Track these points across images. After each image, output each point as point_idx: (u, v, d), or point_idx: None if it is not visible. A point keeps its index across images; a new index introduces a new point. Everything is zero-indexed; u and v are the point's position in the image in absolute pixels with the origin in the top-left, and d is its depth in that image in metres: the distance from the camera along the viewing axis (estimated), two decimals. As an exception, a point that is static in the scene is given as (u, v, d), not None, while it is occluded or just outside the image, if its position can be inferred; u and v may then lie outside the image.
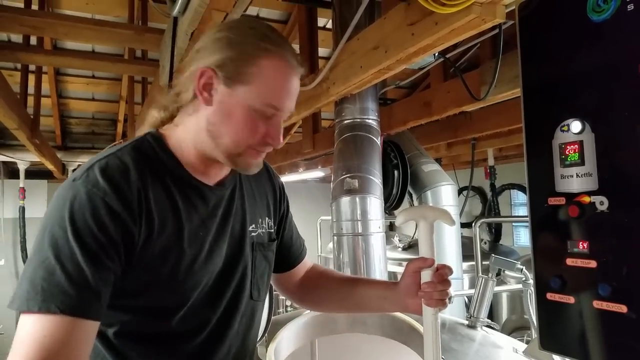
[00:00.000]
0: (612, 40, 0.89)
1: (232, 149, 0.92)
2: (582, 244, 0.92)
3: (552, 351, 1.06)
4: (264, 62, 0.89)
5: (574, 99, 0.96)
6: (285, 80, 0.92)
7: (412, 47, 1.63)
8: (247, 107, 0.90)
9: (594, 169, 0.91)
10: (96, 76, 4.87)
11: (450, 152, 5.28)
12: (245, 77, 0.89)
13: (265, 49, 0.90)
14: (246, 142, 0.91)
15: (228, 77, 0.90)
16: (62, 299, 0.75)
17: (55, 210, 0.81)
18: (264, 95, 0.90)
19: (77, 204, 0.80)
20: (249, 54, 0.89)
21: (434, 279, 0.99)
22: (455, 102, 2.76)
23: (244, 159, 0.94)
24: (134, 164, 0.89)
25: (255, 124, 0.91)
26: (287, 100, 0.93)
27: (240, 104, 0.90)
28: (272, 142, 0.94)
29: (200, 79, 0.90)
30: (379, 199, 2.53)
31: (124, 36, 2.67)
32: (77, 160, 5.90)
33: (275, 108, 0.91)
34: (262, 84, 0.89)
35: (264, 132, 0.92)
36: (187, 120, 0.96)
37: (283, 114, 0.95)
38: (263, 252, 1.09)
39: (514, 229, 6.77)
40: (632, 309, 0.85)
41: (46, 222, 0.81)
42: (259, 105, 0.90)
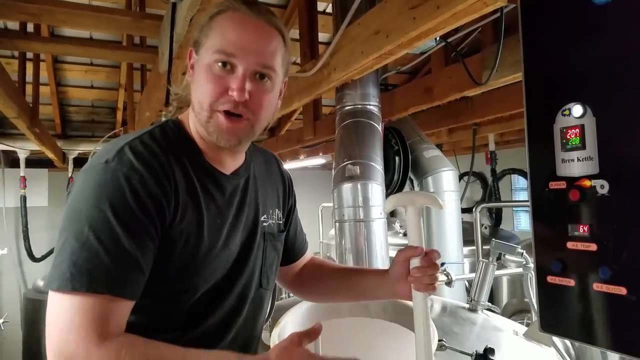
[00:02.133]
0: (614, 23, 0.88)
1: (201, 112, 0.91)
2: (583, 228, 0.93)
3: (552, 333, 1.07)
4: (217, 18, 0.91)
5: (576, 82, 0.95)
6: (237, 26, 0.89)
7: (414, 31, 1.62)
8: (204, 65, 0.90)
9: (594, 153, 0.91)
10: (95, 64, 4.84)
11: (452, 137, 5.26)
12: (204, 37, 0.92)
13: (221, 9, 0.92)
14: (207, 99, 0.89)
15: (196, 46, 0.94)
16: (108, 281, 0.76)
17: (90, 192, 0.80)
18: (214, 45, 0.89)
19: (114, 186, 0.80)
20: (209, 17, 0.93)
21: (423, 264, 1.01)
22: (457, 87, 2.74)
23: (214, 125, 0.91)
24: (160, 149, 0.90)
25: (213, 79, 0.89)
26: (244, 45, 0.88)
27: (202, 65, 0.91)
28: (232, 93, 0.88)
29: (189, 60, 0.96)
30: (380, 185, 2.54)
31: (122, 23, 2.64)
32: (78, 149, 5.90)
33: (226, 53, 0.88)
34: (213, 36, 0.90)
35: (224, 85, 0.89)
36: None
37: (245, 62, 0.89)
38: (273, 242, 1.11)
39: (514, 214, 6.78)
40: (632, 292, 0.86)
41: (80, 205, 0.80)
42: (211, 57, 0.89)
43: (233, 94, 0.88)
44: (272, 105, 0.97)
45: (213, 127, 0.91)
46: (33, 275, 5.52)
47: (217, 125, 0.91)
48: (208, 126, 0.92)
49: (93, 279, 0.75)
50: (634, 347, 0.88)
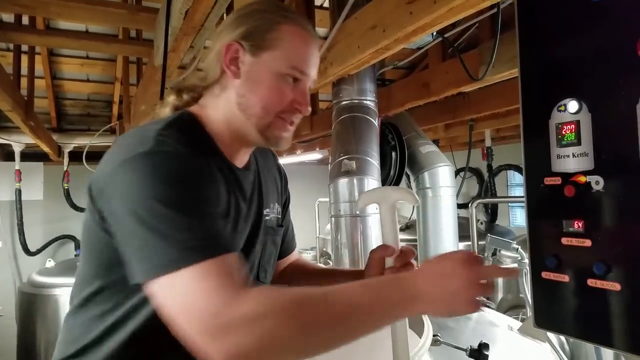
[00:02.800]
0: (610, 19, 0.88)
1: (262, 118, 0.94)
2: (578, 224, 0.93)
3: (547, 329, 1.08)
4: (285, 27, 0.94)
5: (572, 78, 0.95)
6: (307, 46, 0.96)
7: (411, 26, 1.61)
8: (273, 72, 0.93)
9: (590, 149, 0.91)
10: (90, 57, 4.82)
11: (448, 133, 5.27)
12: (270, 42, 0.93)
13: (284, 16, 0.95)
14: (274, 108, 0.94)
15: (253, 46, 0.93)
16: (216, 243, 0.76)
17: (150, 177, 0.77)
18: (288, 58, 0.93)
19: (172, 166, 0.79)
20: (271, 20, 0.94)
21: (396, 264, 1.01)
22: (454, 82, 2.74)
23: (273, 130, 0.96)
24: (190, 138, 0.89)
25: (282, 89, 0.94)
26: (311, 66, 0.97)
27: (267, 70, 0.93)
28: (299, 107, 0.96)
29: (227, 54, 0.94)
30: (376, 180, 2.54)
31: (117, 16, 2.63)
32: (73, 142, 5.88)
33: (300, 71, 0.94)
34: (285, 48, 0.93)
35: (291, 98, 0.95)
36: (215, 101, 0.98)
37: (308, 80, 0.97)
38: (273, 237, 1.12)
39: (510, 210, 6.80)
40: (626, 287, 0.86)
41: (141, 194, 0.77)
42: (285, 69, 0.93)
43: (300, 107, 0.96)
44: None
45: (272, 132, 0.96)
46: (28, 269, 5.51)
47: (278, 131, 0.97)
48: (266, 130, 0.96)
49: (204, 246, 0.74)
50: (628, 343, 0.88)
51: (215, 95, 0.98)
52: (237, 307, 0.69)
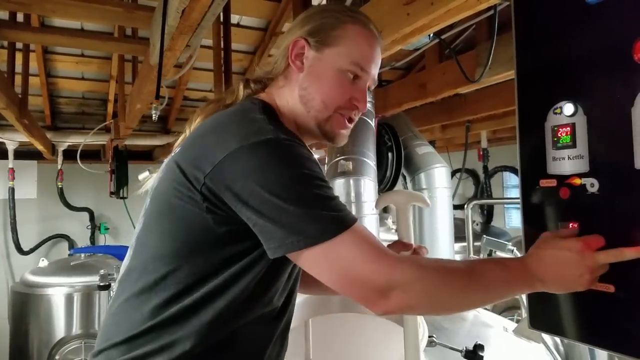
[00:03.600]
0: (606, 22, 0.89)
1: (322, 111, 0.98)
2: (573, 225, 0.93)
3: (541, 330, 1.08)
4: (349, 27, 0.98)
5: (567, 81, 0.96)
6: (369, 45, 1.00)
7: (408, 27, 1.62)
8: (335, 68, 0.97)
9: (585, 152, 0.92)
10: (86, 55, 4.79)
11: (445, 134, 5.28)
12: (334, 39, 0.97)
13: (351, 17, 0.99)
14: (334, 102, 0.98)
15: (318, 42, 0.98)
16: (352, 215, 0.85)
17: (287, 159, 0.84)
18: (350, 55, 0.97)
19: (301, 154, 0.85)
20: (337, 19, 0.98)
21: None
22: (450, 84, 2.75)
23: (331, 125, 1.00)
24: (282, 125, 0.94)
25: (342, 84, 0.98)
26: (372, 65, 1.00)
27: (329, 66, 0.97)
28: (358, 104, 0.99)
29: (293, 49, 0.99)
30: (373, 181, 2.54)
31: (113, 13, 2.61)
32: (67, 141, 5.84)
33: (361, 68, 0.98)
34: (348, 45, 0.97)
35: (351, 94, 0.98)
36: (279, 92, 1.02)
37: (368, 78, 1.00)
38: None
39: (505, 211, 6.82)
40: (619, 289, 0.87)
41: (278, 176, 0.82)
42: (347, 65, 0.97)
43: (359, 104, 1.00)
44: None
45: (330, 126, 1.00)
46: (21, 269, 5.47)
47: (336, 126, 1.01)
48: (325, 124, 1.00)
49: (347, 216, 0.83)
50: (621, 344, 0.89)
51: (279, 86, 1.03)
52: (401, 271, 0.81)
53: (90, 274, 3.92)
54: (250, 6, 3.81)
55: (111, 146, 5.61)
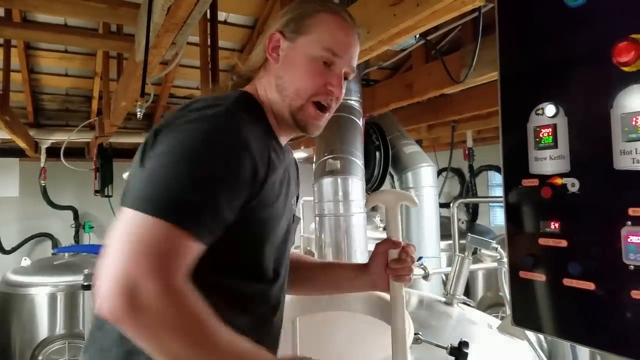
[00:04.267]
0: (586, 26, 0.91)
1: (295, 99, 0.98)
2: (554, 224, 0.95)
3: (524, 327, 1.10)
4: (321, 15, 0.99)
5: (549, 83, 0.98)
6: (342, 31, 1.00)
7: (394, 28, 1.63)
8: (308, 56, 0.97)
9: (566, 152, 0.94)
10: (69, 51, 4.72)
11: (431, 134, 5.33)
12: (306, 28, 0.98)
13: (323, 7, 1.00)
14: (307, 90, 0.97)
15: (291, 32, 0.99)
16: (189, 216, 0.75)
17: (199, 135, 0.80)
18: (322, 41, 0.97)
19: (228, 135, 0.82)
20: (310, 9, 1.00)
21: (402, 256, 1.09)
22: (436, 84, 2.77)
23: (304, 114, 0.99)
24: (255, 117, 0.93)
25: (315, 71, 0.97)
26: (345, 49, 0.99)
27: (301, 54, 0.98)
28: (333, 89, 0.98)
29: (270, 42, 1.00)
30: (360, 180, 2.55)
31: (97, 10, 2.59)
32: (51, 138, 5.76)
33: (333, 53, 0.97)
34: (320, 32, 0.98)
35: (325, 80, 0.98)
36: (259, 83, 1.03)
37: (342, 63, 0.99)
38: (295, 224, 1.15)
39: (490, 209, 6.91)
40: (599, 286, 0.89)
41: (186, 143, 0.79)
42: (318, 52, 0.97)
43: (333, 89, 0.98)
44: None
45: (303, 115, 0.99)
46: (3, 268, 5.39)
47: (308, 115, 0.99)
48: (298, 113, 0.99)
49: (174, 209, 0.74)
50: (601, 341, 0.91)
51: (260, 78, 1.04)
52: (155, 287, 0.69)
53: (74, 274, 3.88)
54: (238, 4, 3.80)
55: (96, 144, 5.54)
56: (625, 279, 0.84)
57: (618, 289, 0.86)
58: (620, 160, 0.85)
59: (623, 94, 0.84)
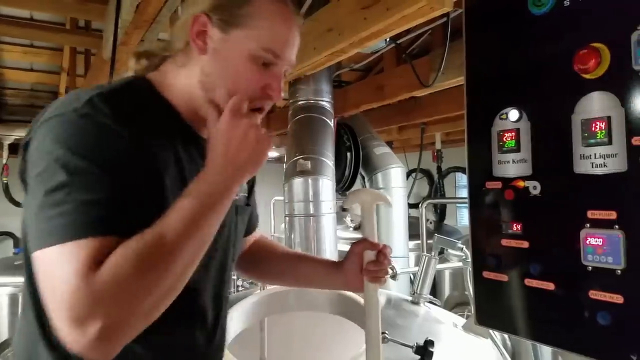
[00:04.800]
0: (549, 34, 0.94)
1: (226, 103, 0.83)
2: (516, 226, 0.98)
3: (488, 326, 1.13)
4: (260, 3, 0.84)
5: (513, 88, 1.00)
6: (284, 25, 0.86)
7: (365, 31, 1.65)
8: (244, 54, 0.83)
9: (528, 156, 0.96)
10: (35, 45, 4.57)
11: (402, 135, 5.39)
12: (241, 19, 0.83)
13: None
14: (242, 94, 0.82)
15: (222, 21, 0.84)
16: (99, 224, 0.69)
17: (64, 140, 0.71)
18: (262, 39, 0.83)
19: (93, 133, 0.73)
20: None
21: (379, 258, 1.05)
22: (406, 87, 2.81)
23: None
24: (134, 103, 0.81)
25: (252, 73, 0.84)
26: (288, 48, 0.86)
27: (237, 51, 0.83)
28: (272, 93, 0.86)
29: (194, 25, 0.84)
30: (331, 180, 2.56)
31: (65, 4, 2.52)
32: (14, 134, 5.57)
33: (275, 55, 0.84)
34: (259, 26, 0.83)
35: (263, 82, 0.85)
36: (176, 70, 0.89)
37: (283, 64, 0.87)
38: (242, 215, 1.06)
39: (457, 210, 7.03)
40: (559, 287, 0.92)
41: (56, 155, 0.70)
42: (258, 51, 0.83)
43: (272, 93, 0.86)
44: None
45: None
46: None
47: None
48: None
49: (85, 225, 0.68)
50: (561, 340, 0.94)
51: (177, 64, 0.89)
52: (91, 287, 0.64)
53: (36, 274, 3.76)
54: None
55: (61, 141, 5.38)
56: (584, 280, 0.87)
57: (577, 289, 0.89)
58: (580, 165, 0.88)
59: (583, 100, 0.87)
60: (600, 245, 0.84)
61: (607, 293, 0.84)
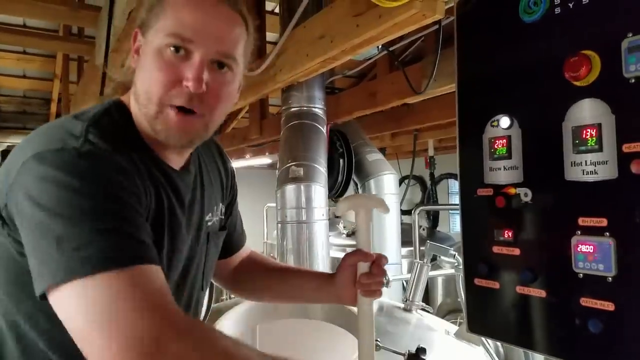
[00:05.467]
0: (540, 41, 0.94)
1: (147, 105, 0.79)
2: (508, 233, 0.98)
3: (480, 334, 1.13)
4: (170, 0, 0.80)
5: (504, 95, 1.01)
6: (192, 6, 0.79)
7: (357, 38, 1.65)
8: (154, 49, 0.78)
9: (520, 163, 0.96)
10: (28, 52, 4.56)
11: (394, 142, 5.40)
12: (155, 17, 0.80)
13: None
14: (156, 92, 0.77)
15: (144, 27, 0.82)
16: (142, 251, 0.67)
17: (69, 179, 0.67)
18: (167, 27, 0.78)
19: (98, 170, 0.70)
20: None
21: (373, 270, 1.01)
22: (399, 93, 2.81)
23: (162, 122, 0.80)
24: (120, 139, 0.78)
25: (165, 66, 0.77)
26: (201, 30, 0.78)
27: (149, 49, 0.79)
28: (187, 84, 0.77)
29: (133, 43, 0.84)
30: (323, 187, 2.56)
31: (57, 11, 2.52)
32: (6, 141, 5.54)
33: (181, 38, 0.77)
34: (166, 17, 0.78)
35: (176, 75, 0.77)
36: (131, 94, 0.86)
37: (201, 48, 0.78)
38: (215, 241, 1.05)
39: (450, 217, 7.05)
40: (551, 294, 0.92)
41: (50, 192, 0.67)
42: (163, 40, 0.77)
43: (188, 84, 0.77)
44: (231, 100, 0.87)
45: (161, 124, 0.80)
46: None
47: (167, 123, 0.79)
48: (156, 123, 0.80)
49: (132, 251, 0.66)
50: (553, 347, 0.93)
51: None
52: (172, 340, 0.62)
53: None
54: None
55: (53, 148, 5.34)
56: (575, 287, 0.87)
57: (568, 297, 0.88)
58: (571, 172, 0.88)
59: (574, 108, 0.87)
60: (591, 253, 0.84)
61: (598, 300, 0.84)
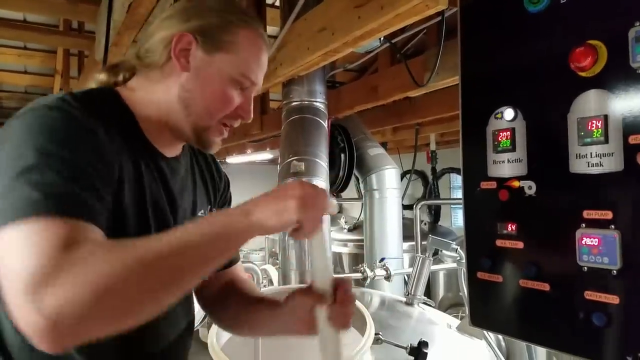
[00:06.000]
0: (545, 31, 0.93)
1: (204, 118, 0.91)
2: (511, 226, 0.97)
3: (482, 327, 1.12)
4: (243, 32, 0.91)
5: (508, 87, 0.99)
6: (260, 54, 0.95)
7: (358, 30, 1.63)
8: (225, 76, 0.90)
9: (524, 155, 0.95)
10: (28, 47, 4.55)
11: (396, 136, 5.39)
12: (226, 45, 0.90)
13: (245, 21, 0.93)
14: (220, 112, 0.91)
15: (208, 44, 0.90)
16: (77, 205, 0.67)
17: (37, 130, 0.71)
18: (241, 65, 0.91)
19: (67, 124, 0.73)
20: (231, 23, 0.91)
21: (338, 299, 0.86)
22: (400, 87, 2.80)
23: (209, 135, 0.94)
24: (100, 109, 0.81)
25: (230, 94, 0.91)
26: (261, 75, 0.96)
27: (219, 72, 0.90)
28: (244, 114, 0.95)
29: (178, 44, 0.88)
30: (324, 182, 2.55)
31: (56, 6, 2.51)
32: (7, 137, 5.53)
33: (250, 81, 0.93)
34: (241, 54, 0.91)
35: (237, 104, 0.93)
36: (150, 85, 0.92)
37: (254, 89, 0.96)
38: None
39: (452, 211, 7.05)
40: (554, 287, 0.91)
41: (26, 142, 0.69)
42: (237, 76, 0.91)
43: (244, 114, 0.95)
44: None
45: (207, 135, 0.93)
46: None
47: (214, 135, 0.94)
48: (202, 132, 0.93)
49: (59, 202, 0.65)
50: (555, 341, 0.93)
51: (152, 79, 0.92)
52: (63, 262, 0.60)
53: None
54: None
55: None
56: (579, 280, 0.86)
57: (572, 290, 0.88)
58: (576, 164, 0.87)
59: (579, 99, 0.86)
60: (596, 246, 0.83)
61: (603, 294, 0.83)
